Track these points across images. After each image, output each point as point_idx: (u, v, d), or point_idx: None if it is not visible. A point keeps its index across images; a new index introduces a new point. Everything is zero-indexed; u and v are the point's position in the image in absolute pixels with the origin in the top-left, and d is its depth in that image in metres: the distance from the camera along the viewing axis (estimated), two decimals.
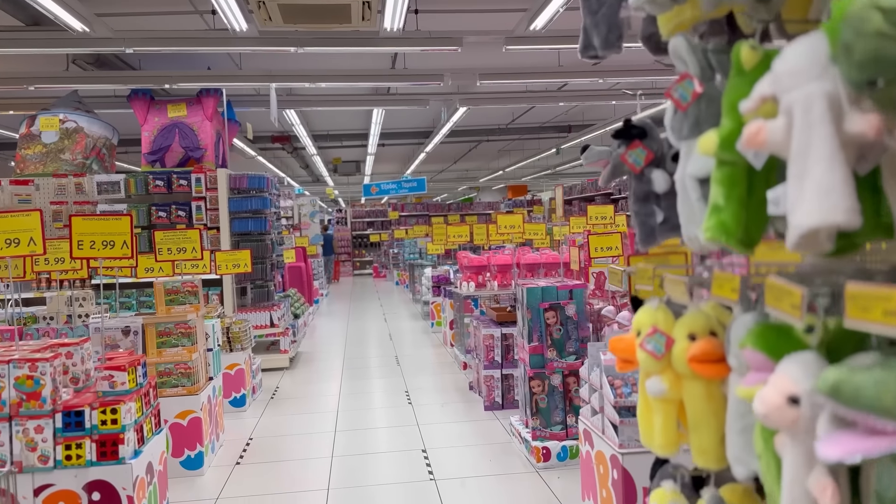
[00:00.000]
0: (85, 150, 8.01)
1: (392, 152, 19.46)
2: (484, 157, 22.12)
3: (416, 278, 13.79)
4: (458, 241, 9.03)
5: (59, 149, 7.93)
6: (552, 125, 15.68)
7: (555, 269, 6.93)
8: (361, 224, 23.29)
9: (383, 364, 7.72)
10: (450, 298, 8.48)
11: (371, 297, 15.40)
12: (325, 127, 15.14)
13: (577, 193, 19.29)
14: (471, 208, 22.92)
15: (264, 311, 7.48)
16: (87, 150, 8.03)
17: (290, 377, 7.26)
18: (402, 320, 11.26)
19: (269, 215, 7.78)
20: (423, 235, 17.11)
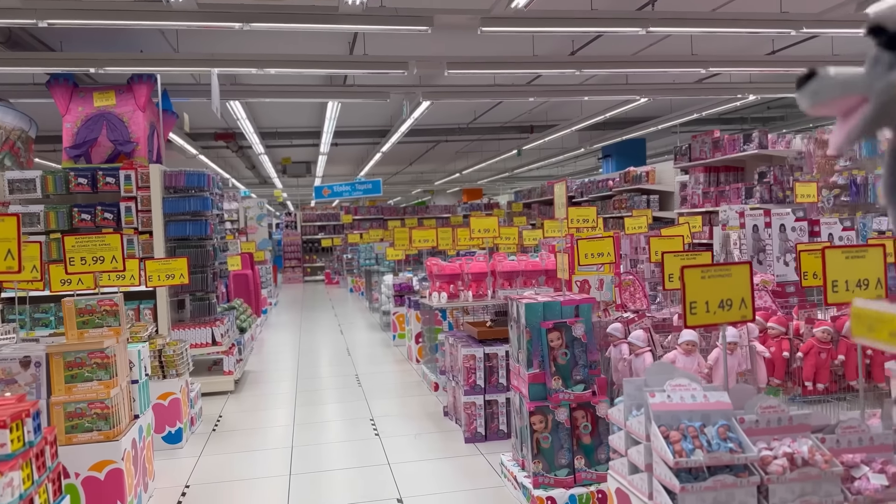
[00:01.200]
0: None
1: (346, 152, 18.56)
2: (441, 158, 21.40)
3: (374, 286, 12.95)
4: (423, 246, 8.25)
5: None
6: (514, 125, 15.07)
7: (535, 277, 6.23)
8: (312, 228, 22.27)
9: (342, 384, 6.88)
10: (416, 309, 7.69)
11: (324, 305, 14.47)
12: (274, 123, 14.17)
13: (536, 197, 18.74)
14: (427, 212, 22.16)
15: (205, 326, 6.55)
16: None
17: (235, 403, 6.34)
18: (360, 331, 10.41)
19: (211, 218, 6.85)
20: (379, 240, 16.27)
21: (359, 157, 20.46)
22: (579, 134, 16.04)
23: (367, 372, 7.40)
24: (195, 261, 6.59)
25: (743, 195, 9.91)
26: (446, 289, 6.29)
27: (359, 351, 8.71)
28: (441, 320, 7.14)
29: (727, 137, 10.21)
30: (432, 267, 6.49)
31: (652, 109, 13.66)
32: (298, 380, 7.15)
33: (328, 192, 18.17)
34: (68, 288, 4.77)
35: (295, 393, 6.58)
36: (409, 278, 9.36)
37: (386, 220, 21.25)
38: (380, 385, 6.76)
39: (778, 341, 3.85)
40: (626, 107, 11.15)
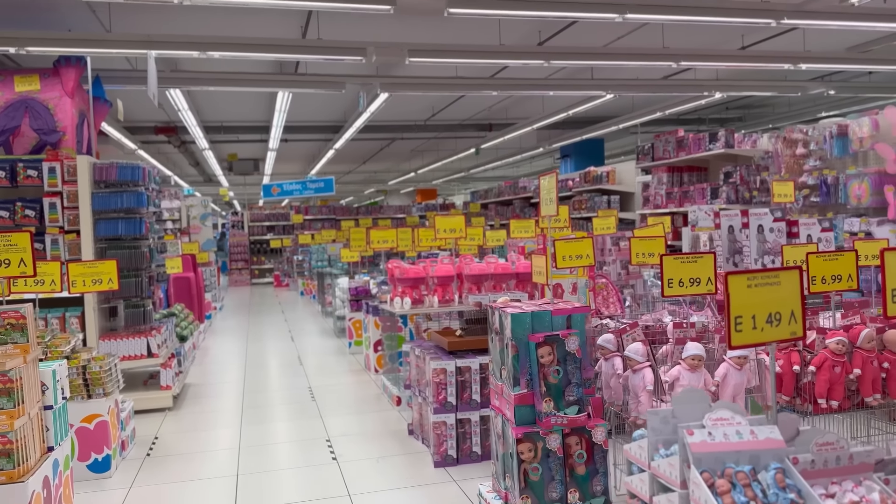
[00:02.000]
0: None
1: (296, 149, 17.84)
2: (395, 157, 20.85)
3: (327, 289, 12.33)
4: (381, 248, 7.71)
5: None
6: (473, 122, 14.65)
7: (505, 281, 5.79)
8: (260, 228, 21.41)
9: (294, 398, 6.29)
10: (375, 315, 7.16)
11: (273, 309, 13.76)
12: (220, 117, 13.40)
13: (494, 197, 18.37)
14: (381, 212, 21.57)
15: (139, 336, 5.88)
16: None
17: (173, 421, 5.69)
18: (313, 338, 9.80)
19: (147, 216, 6.18)
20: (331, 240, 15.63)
21: (310, 154, 19.75)
22: (538, 133, 15.73)
23: (321, 384, 6.82)
24: (128, 263, 5.91)
25: (708, 195, 9.68)
26: (410, 294, 5.79)
27: (312, 360, 8.11)
28: (402, 327, 6.65)
29: (692, 136, 9.98)
30: (394, 270, 5.97)
31: (611, 109, 13.43)
32: (245, 394, 6.53)
33: (277, 191, 17.42)
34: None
35: (241, 409, 5.96)
36: (365, 281, 8.81)
37: (339, 220, 20.56)
38: (336, 399, 6.20)
39: (787, 353, 3.48)
40: (589, 104, 10.84)
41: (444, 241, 7.28)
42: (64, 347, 4.21)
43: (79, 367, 4.30)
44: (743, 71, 9.86)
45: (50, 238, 5.80)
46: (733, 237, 6.68)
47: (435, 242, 7.61)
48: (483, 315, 4.89)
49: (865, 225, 7.22)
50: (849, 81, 10.99)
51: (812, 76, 10.67)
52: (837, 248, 6.07)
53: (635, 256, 5.44)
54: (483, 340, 4.60)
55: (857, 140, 7.22)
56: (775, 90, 9.89)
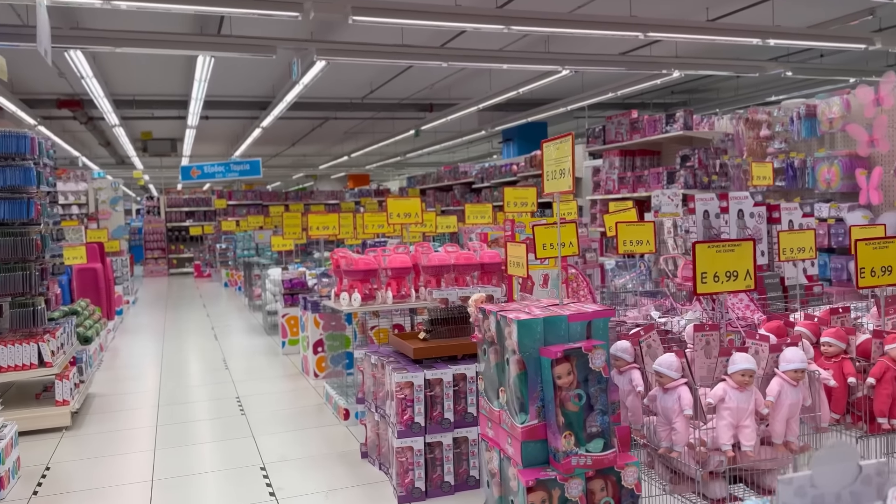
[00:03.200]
0: None
1: (218, 128, 16.52)
2: (327, 139, 19.77)
3: (255, 280, 11.29)
4: (320, 235, 6.83)
5: None
6: (413, 102, 13.82)
7: (469, 273, 5.07)
8: (179, 214, 19.89)
9: (220, 411, 5.37)
10: (314, 312, 6.28)
11: (194, 303, 12.58)
12: (132, 89, 12.07)
13: (433, 182, 17.60)
14: (312, 197, 20.43)
15: (28, 342, 4.82)
16: None
17: (71, 445, 4.69)
18: (239, 336, 8.80)
19: (38, 196, 5.10)
20: (258, 227, 14.52)
21: (234, 134, 18.43)
22: (479, 115, 15.06)
23: (251, 392, 5.91)
24: (13, 253, 4.83)
25: (664, 180, 9.23)
26: (359, 288, 4.97)
27: (239, 362, 7.16)
28: (347, 325, 5.84)
29: (647, 118, 9.50)
30: (340, 260, 5.13)
31: (557, 90, 12.87)
32: (161, 406, 5.55)
33: (197, 174, 16.09)
34: None
35: (156, 427, 5.00)
36: (300, 273, 7.90)
37: (267, 205, 19.31)
38: (270, 412, 5.31)
39: (838, 363, 2.88)
40: (540, 81, 10.20)
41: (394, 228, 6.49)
42: None
43: None
44: (702, 49, 9.44)
45: None
46: (709, 223, 6.14)
47: (384, 229, 6.79)
48: (450, 314, 4.13)
49: (836, 210, 6.84)
50: (805, 63, 10.78)
51: (771, 56, 10.38)
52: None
53: (623, 244, 4.80)
54: (453, 345, 3.84)
55: (826, 121, 6.82)
56: (734, 69, 9.52)
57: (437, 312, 4.12)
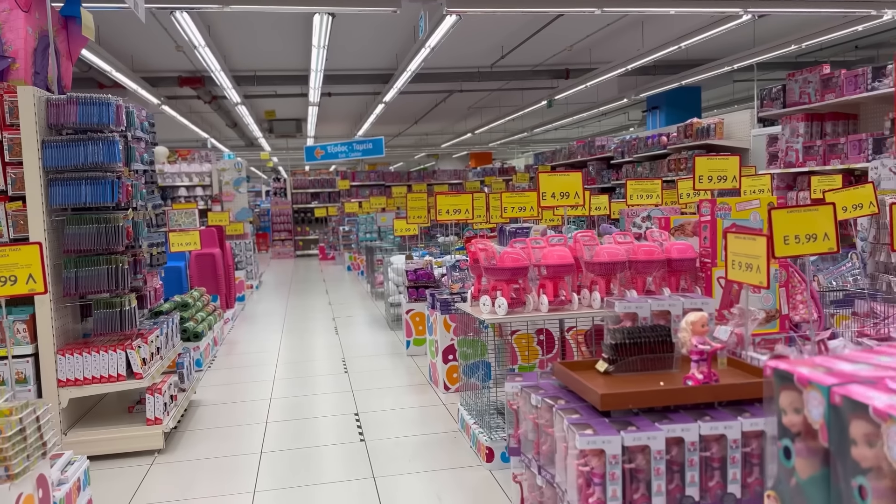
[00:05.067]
0: None
1: (340, 106, 15.93)
2: (450, 115, 18.78)
3: (377, 265, 10.49)
4: (450, 219, 5.75)
5: None
6: (547, 68, 12.45)
7: (650, 271, 3.83)
8: (304, 196, 19.66)
9: (336, 433, 4.44)
10: (445, 313, 5.22)
11: (317, 287, 11.99)
12: (252, 65, 11.54)
13: (563, 159, 16.15)
14: (434, 177, 19.58)
15: (114, 349, 4.08)
16: None
17: (161, 475, 3.90)
18: (361, 329, 7.95)
19: (124, 175, 4.33)
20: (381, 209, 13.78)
21: (356, 113, 17.84)
22: (619, 82, 13.45)
23: (373, 407, 4.94)
24: (95, 244, 4.08)
25: (869, 149, 7.42)
26: (505, 290, 3.84)
27: (360, 364, 6.26)
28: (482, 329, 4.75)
29: (844, 73, 7.68)
30: (479, 254, 4.00)
31: (718, 48, 11.08)
32: (269, 423, 4.70)
33: (321, 154, 15.59)
34: None
35: (260, 455, 4.13)
36: (426, 262, 6.88)
37: (388, 186, 18.67)
38: (394, 438, 4.31)
39: None
40: (708, 33, 8.56)
41: (540, 212, 5.30)
42: None
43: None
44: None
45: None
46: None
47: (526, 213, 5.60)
48: (643, 337, 2.90)
49: None
50: None
51: None
52: None
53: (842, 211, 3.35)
54: (662, 392, 2.60)
55: None
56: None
57: (624, 334, 2.89)
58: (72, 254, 4.11)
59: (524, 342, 5.34)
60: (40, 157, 3.99)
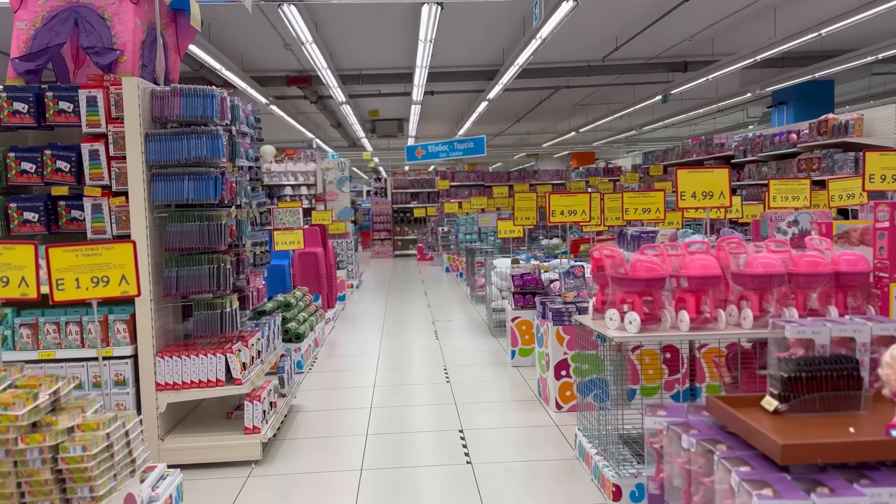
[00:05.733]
0: None
1: (442, 106, 15.72)
2: (553, 114, 18.19)
3: (477, 268, 10.14)
4: (565, 220, 5.28)
5: None
6: (663, 60, 11.69)
7: (814, 286, 3.25)
8: (404, 196, 19.62)
9: (440, 452, 4.10)
10: (558, 324, 4.77)
11: (415, 288, 11.78)
12: (357, 63, 11.46)
13: (676, 158, 15.23)
14: (536, 177, 19.05)
15: (214, 353, 3.90)
16: None
17: (258, 489, 3.67)
18: (462, 335, 7.61)
19: (228, 171, 4.15)
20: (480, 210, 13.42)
21: (457, 112, 17.59)
22: (741, 75, 12.47)
23: (478, 424, 4.57)
24: (198, 243, 3.91)
25: None
26: (636, 303, 3.36)
27: (463, 374, 5.90)
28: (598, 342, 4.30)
29: None
30: (605, 260, 3.55)
31: (856, 37, 10.00)
32: (370, 435, 4.41)
33: (422, 153, 15.39)
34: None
35: (360, 472, 3.84)
36: (533, 267, 6.43)
37: (489, 186, 18.31)
38: (503, 463, 3.91)
39: None
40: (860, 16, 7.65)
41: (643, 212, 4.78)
42: (17, 410, 2.21)
43: (43, 447, 2.28)
44: None
45: (90, 202, 3.92)
46: None
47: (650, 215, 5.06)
48: (822, 370, 2.36)
49: None
50: None
51: None
52: None
53: None
54: (860, 445, 2.05)
55: None
56: None
57: (800, 366, 2.35)
58: (173, 252, 3.96)
59: (647, 360, 4.81)
60: (143, 150, 3.86)
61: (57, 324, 3.75)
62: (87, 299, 2.62)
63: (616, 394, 3.81)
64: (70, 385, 2.53)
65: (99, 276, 2.58)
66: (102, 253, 2.59)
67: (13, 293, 2.44)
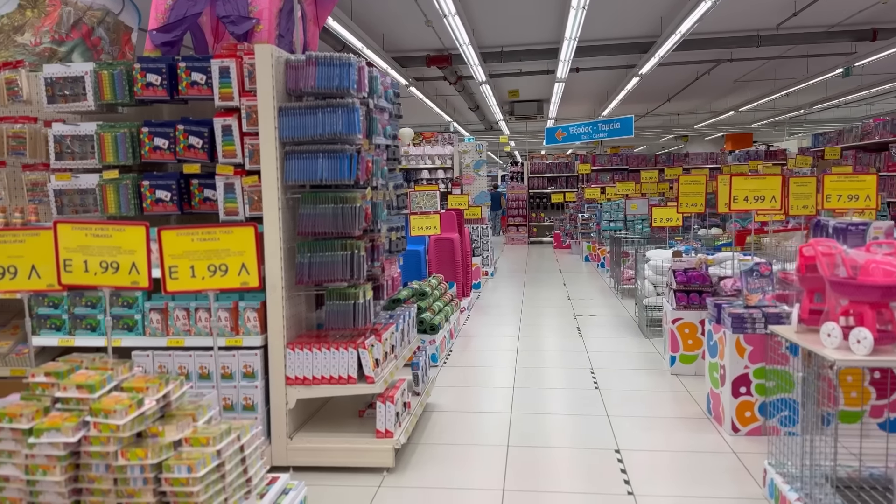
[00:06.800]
0: (59, 28, 4.48)
1: (586, 84, 14.84)
2: (709, 92, 16.73)
3: (624, 259, 9.35)
4: (749, 207, 4.46)
5: (14, 25, 4.46)
6: (846, 28, 10.20)
7: None
8: (541, 181, 18.89)
9: (593, 476, 3.52)
10: (738, 332, 4.02)
11: (553, 278, 11.14)
12: (500, 39, 10.91)
13: (853, 140, 13.44)
14: (687, 161, 17.67)
15: (345, 347, 3.55)
16: (64, 28, 4.49)
17: (390, 501, 3.28)
18: (608, 333, 6.92)
19: (365, 149, 3.76)
20: (624, 196, 12.51)
21: (601, 92, 16.61)
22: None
23: (638, 444, 3.93)
24: (332, 227, 3.56)
25: None
26: (867, 317, 2.60)
27: (613, 381, 5.25)
28: (789, 355, 3.60)
29: None
30: (821, 259, 2.82)
31: None
32: (511, 447, 3.91)
33: (563, 135, 14.64)
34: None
35: (502, 490, 3.34)
36: (699, 261, 5.62)
37: (633, 170, 17.21)
38: (676, 498, 3.27)
39: None
40: None
41: None
42: (118, 419, 1.89)
43: (145, 465, 1.95)
44: None
45: (223, 181, 3.67)
46: None
47: (859, 203, 4.16)
48: None
49: None
50: None
51: None
52: None
53: None
54: None
55: None
56: None
57: None
58: (306, 237, 3.63)
59: (849, 379, 3.97)
60: (276, 126, 3.54)
61: (186, 310, 3.54)
62: (203, 290, 2.29)
63: (816, 421, 3.06)
64: (182, 387, 2.21)
65: (216, 265, 2.24)
66: (221, 238, 2.25)
67: (122, 281, 2.15)
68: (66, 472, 1.93)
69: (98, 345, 3.65)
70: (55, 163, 3.81)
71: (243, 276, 2.27)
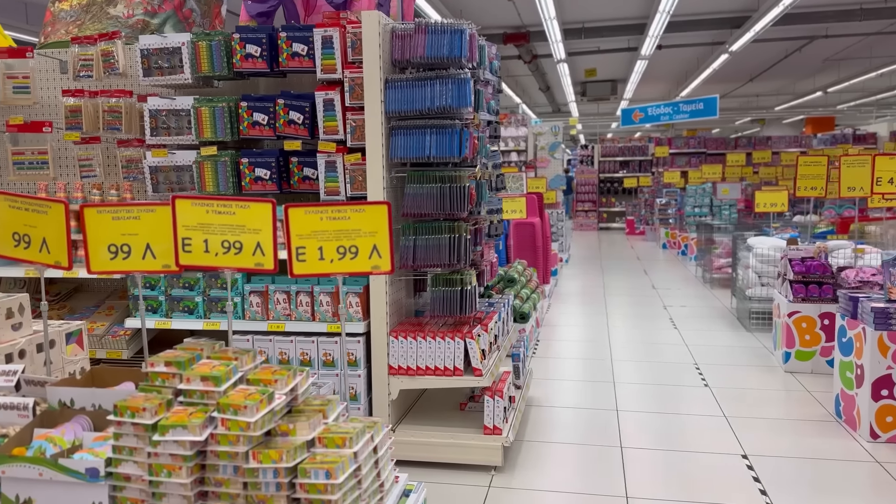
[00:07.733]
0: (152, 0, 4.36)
1: (666, 64, 14.21)
2: (794, 71, 15.83)
3: (713, 246, 8.87)
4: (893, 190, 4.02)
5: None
6: None
7: None
8: (612, 165, 18.27)
9: (736, 496, 3.19)
10: (881, 329, 3.61)
11: (632, 266, 10.71)
12: (583, 14, 10.46)
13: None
14: (769, 144, 16.81)
15: (451, 336, 3.31)
16: (157, 0, 4.37)
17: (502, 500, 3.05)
18: (703, 324, 6.52)
19: (472, 126, 3.50)
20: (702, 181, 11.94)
21: (681, 72, 15.91)
22: None
23: (767, 451, 3.58)
24: (438, 207, 3.32)
25: None
26: None
27: (721, 377, 4.88)
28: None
29: None
30: None
31: None
32: (627, 449, 3.62)
33: (640, 116, 14.09)
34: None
35: (625, 497, 3.06)
36: (817, 249, 5.17)
37: (712, 154, 16.47)
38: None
39: None
40: None
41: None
42: (249, 416, 1.70)
43: (279, 469, 1.74)
44: None
45: (324, 159, 3.47)
46: None
47: None
48: None
49: None
50: None
51: None
52: None
53: None
54: None
55: None
56: None
57: None
58: (410, 218, 3.40)
59: None
60: (382, 99, 3.31)
61: (287, 293, 3.37)
62: (332, 274, 2.08)
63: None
64: (308, 380, 2.01)
65: (346, 246, 2.03)
66: (351, 217, 2.03)
67: (246, 262, 1.95)
68: (192, 473, 1.75)
69: (194, 328, 3.52)
70: (150, 138, 3.68)
71: (374, 260, 2.05)
